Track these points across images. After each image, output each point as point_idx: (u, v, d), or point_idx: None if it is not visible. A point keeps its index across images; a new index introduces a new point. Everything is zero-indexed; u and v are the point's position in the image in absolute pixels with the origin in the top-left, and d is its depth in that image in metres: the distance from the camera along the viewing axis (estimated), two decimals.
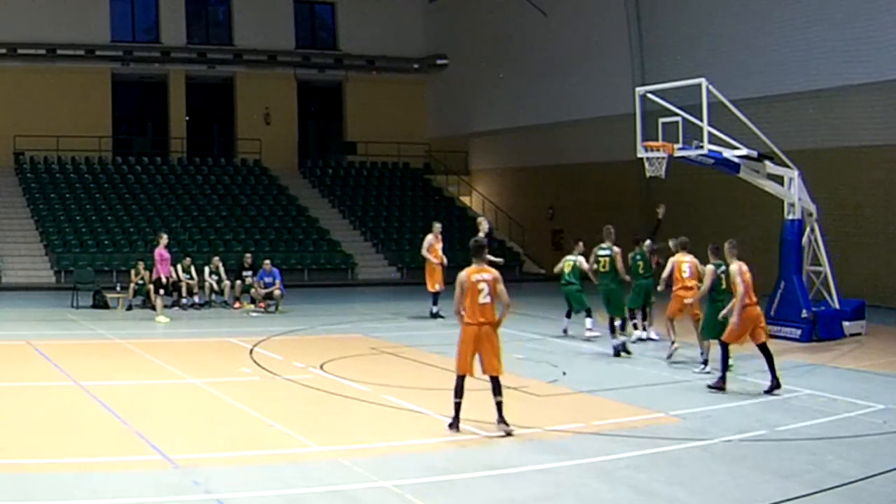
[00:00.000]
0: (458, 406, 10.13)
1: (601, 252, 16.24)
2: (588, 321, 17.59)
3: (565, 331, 18.00)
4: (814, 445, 9.85)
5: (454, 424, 10.14)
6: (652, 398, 12.26)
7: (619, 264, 16.01)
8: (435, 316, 20.24)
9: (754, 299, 12.65)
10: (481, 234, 18.83)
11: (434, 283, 20.58)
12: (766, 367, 12.42)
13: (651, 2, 30.76)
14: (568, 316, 18.19)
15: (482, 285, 10.04)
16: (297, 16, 39.74)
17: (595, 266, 16.46)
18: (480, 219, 19.97)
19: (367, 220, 35.62)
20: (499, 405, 10.09)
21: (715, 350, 13.34)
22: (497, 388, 10.10)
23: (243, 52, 38.34)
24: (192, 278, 22.99)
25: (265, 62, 38.68)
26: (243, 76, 38.82)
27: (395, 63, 40.39)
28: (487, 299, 10.05)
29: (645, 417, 11.16)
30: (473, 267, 10.23)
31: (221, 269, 23.59)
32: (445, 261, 20.72)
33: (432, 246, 20.80)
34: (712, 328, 13.27)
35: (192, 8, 38.28)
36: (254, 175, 37.37)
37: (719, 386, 12.57)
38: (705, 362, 13.93)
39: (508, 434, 9.97)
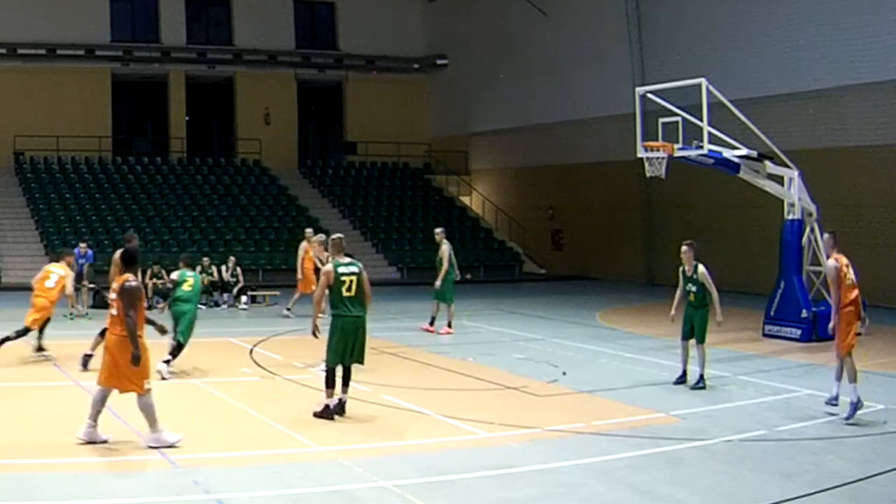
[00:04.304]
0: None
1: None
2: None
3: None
4: (814, 445, 9.85)
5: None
6: (652, 398, 12.25)
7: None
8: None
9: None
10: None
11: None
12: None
13: (651, 2, 30.76)
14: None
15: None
16: (297, 16, 39.73)
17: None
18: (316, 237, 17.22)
19: (367, 220, 35.62)
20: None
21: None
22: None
23: (243, 52, 38.35)
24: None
25: (265, 62, 38.69)
26: (243, 76, 38.81)
27: (395, 63, 40.39)
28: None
29: (645, 417, 11.15)
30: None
31: (239, 270, 24.20)
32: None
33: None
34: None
35: (192, 8, 38.26)
36: (254, 175, 37.37)
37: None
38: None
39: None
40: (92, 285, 21.82)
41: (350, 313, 10.80)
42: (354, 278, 10.81)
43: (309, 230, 22.10)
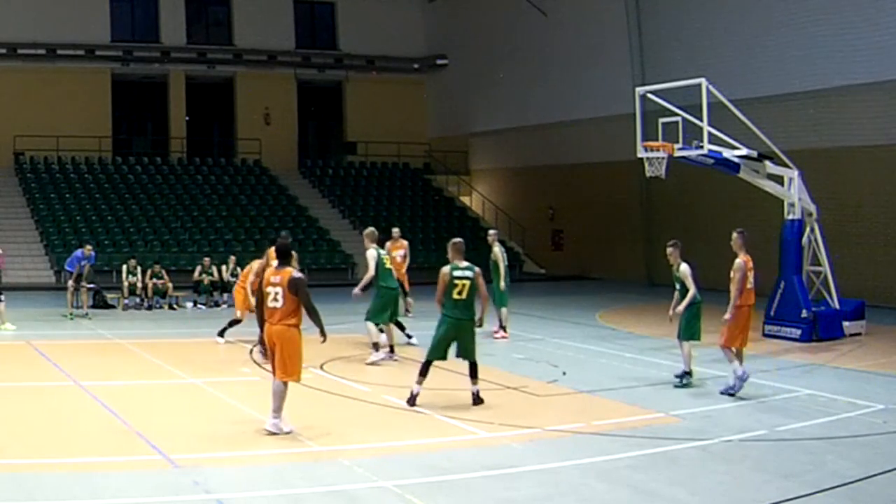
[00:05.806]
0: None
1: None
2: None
3: None
4: (814, 445, 9.85)
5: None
6: (652, 398, 12.25)
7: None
8: None
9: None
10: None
11: None
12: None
13: (651, 2, 30.76)
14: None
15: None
16: (297, 16, 39.73)
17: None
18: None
19: (367, 220, 35.46)
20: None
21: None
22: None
23: (243, 52, 38.35)
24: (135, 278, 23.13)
25: (265, 62, 38.69)
26: (243, 76, 38.82)
27: (395, 63, 40.39)
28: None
29: (645, 417, 11.15)
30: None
31: (239, 270, 24.14)
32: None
33: None
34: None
35: (192, 8, 38.26)
36: (254, 175, 37.38)
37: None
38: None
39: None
40: (91, 285, 21.86)
41: (455, 315, 11.48)
42: (468, 283, 11.43)
43: (395, 230, 21.94)
